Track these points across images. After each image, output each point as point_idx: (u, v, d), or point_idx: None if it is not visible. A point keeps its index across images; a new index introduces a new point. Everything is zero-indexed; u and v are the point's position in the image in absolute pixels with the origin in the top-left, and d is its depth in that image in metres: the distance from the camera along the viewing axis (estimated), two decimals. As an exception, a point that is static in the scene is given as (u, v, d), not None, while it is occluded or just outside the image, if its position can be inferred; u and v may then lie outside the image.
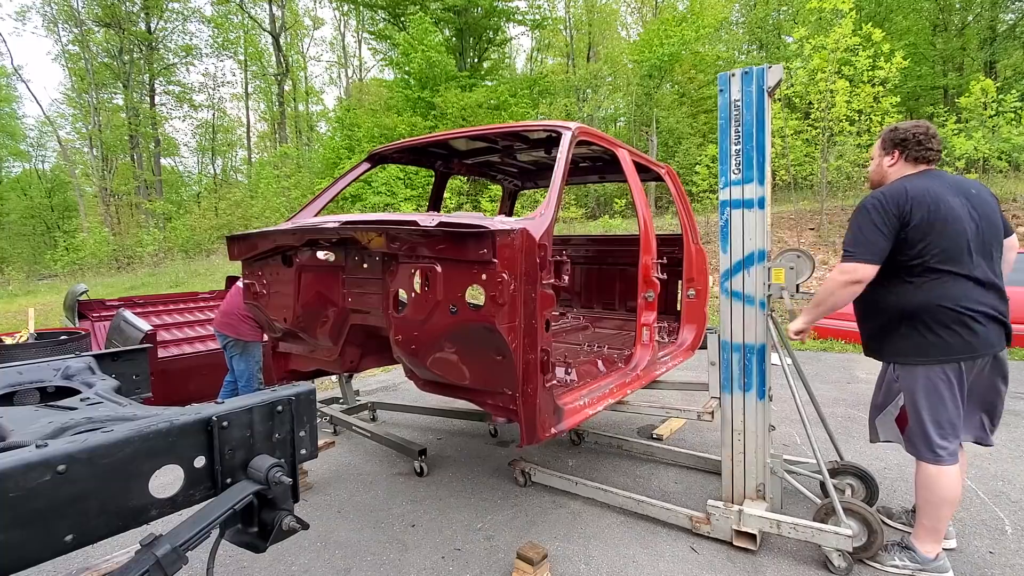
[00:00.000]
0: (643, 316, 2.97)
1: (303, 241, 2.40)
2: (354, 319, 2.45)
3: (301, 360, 2.97)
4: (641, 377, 2.96)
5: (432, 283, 1.99)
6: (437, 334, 2.04)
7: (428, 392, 2.39)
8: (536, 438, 2.05)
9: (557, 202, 2.22)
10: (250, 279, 2.86)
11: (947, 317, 2.01)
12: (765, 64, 2.40)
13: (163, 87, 26.90)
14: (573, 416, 2.31)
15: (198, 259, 18.16)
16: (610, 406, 2.77)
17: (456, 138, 3.25)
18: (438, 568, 2.41)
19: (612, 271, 4.72)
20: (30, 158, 32.02)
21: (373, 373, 6.70)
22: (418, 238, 2.01)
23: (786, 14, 22.27)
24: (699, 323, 3.89)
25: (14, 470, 0.90)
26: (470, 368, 2.10)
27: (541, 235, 2.00)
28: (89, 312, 5.79)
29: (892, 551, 2.22)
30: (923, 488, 2.12)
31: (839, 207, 12.30)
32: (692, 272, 3.69)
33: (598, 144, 3.02)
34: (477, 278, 1.90)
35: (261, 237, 2.65)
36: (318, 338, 2.63)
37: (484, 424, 4.22)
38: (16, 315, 10.42)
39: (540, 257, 1.98)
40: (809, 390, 2.72)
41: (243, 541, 1.30)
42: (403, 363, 2.33)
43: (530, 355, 1.96)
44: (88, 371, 1.93)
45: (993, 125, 10.69)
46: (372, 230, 2.14)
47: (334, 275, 2.47)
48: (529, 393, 1.98)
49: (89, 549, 2.52)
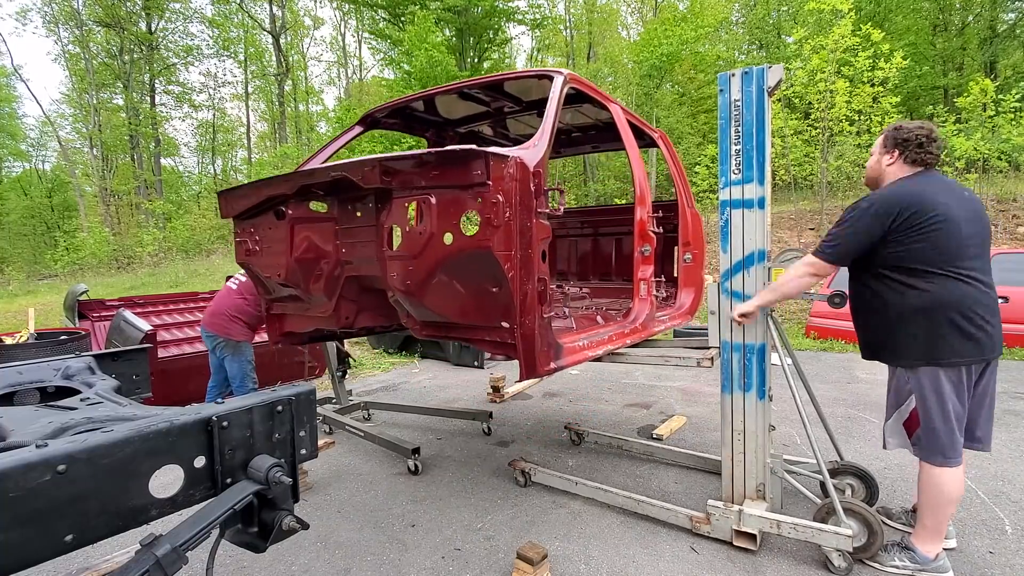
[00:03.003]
0: (640, 270, 2.94)
1: (295, 188, 2.34)
2: (348, 271, 2.42)
3: (296, 320, 2.92)
4: (639, 330, 2.94)
5: (427, 215, 1.96)
6: (433, 268, 2.00)
7: (426, 337, 2.34)
8: (536, 371, 2.03)
9: (550, 135, 2.21)
10: (242, 236, 2.79)
11: (956, 319, 2.02)
12: (765, 64, 2.40)
13: (163, 87, 26.88)
14: (573, 355, 2.29)
15: (198, 259, 18.17)
16: (610, 355, 2.76)
17: (448, 91, 3.20)
18: (438, 568, 2.41)
19: (608, 243, 4.71)
20: (30, 158, 32.02)
21: (373, 373, 6.70)
22: (412, 167, 1.99)
23: (786, 14, 22.27)
24: (697, 287, 3.87)
25: (14, 470, 0.90)
26: (466, 302, 2.07)
27: (535, 164, 2.00)
28: (89, 312, 5.79)
29: (892, 551, 2.22)
30: (928, 489, 2.12)
31: (839, 207, 12.29)
32: (688, 236, 3.69)
33: (589, 94, 2.99)
34: (472, 203, 1.89)
35: (252, 189, 2.60)
36: (312, 294, 2.59)
37: (482, 424, 4.22)
38: (16, 315, 10.43)
39: (535, 185, 1.97)
40: (809, 390, 2.72)
41: (243, 541, 1.30)
42: (400, 307, 2.28)
43: (527, 285, 1.94)
44: (88, 371, 1.93)
45: (993, 125, 10.68)
46: (365, 164, 2.10)
47: (327, 227, 2.44)
48: (527, 325, 1.96)
49: (89, 549, 2.52)
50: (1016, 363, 5.66)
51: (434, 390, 5.78)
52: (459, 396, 5.48)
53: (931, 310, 2.03)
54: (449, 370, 6.72)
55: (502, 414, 4.73)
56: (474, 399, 5.32)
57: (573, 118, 3.97)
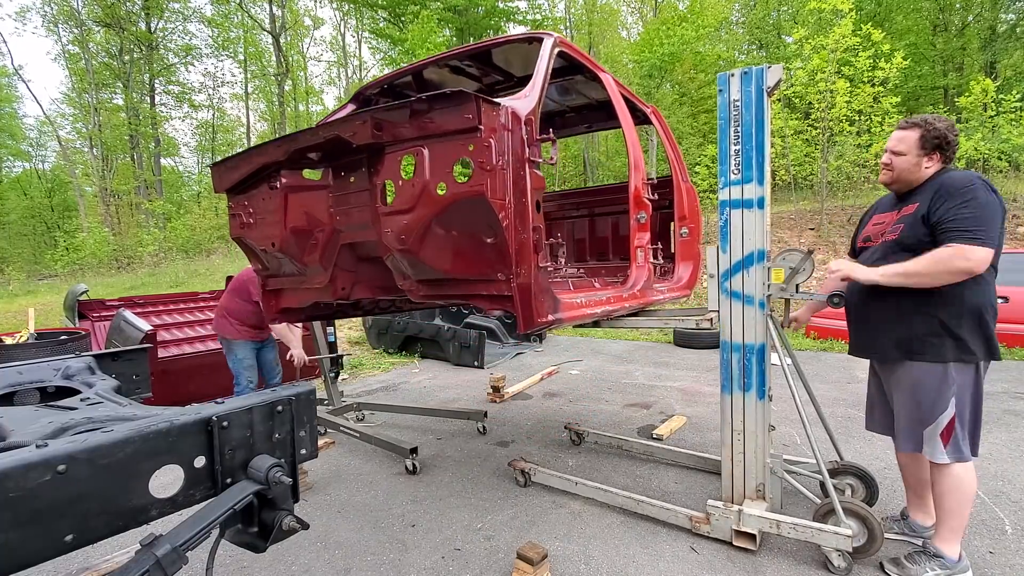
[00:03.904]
0: (636, 237, 2.94)
1: (288, 154, 2.32)
2: (343, 238, 2.41)
3: (292, 295, 2.90)
4: (638, 296, 2.94)
5: (420, 167, 1.97)
6: (428, 220, 1.99)
7: (423, 300, 2.32)
8: (533, 322, 2.02)
9: (541, 87, 2.21)
10: (236, 210, 2.78)
11: (996, 313, 2.05)
12: (764, 64, 2.40)
13: (163, 87, 26.89)
14: (570, 310, 2.29)
15: (198, 259, 18.17)
16: (609, 319, 2.76)
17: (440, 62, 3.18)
18: (438, 568, 2.41)
19: (604, 223, 4.72)
20: (30, 158, 32.02)
21: (373, 373, 6.70)
22: (403, 117, 1.98)
23: (786, 14, 22.27)
24: (694, 261, 3.87)
25: (14, 470, 0.90)
26: (462, 255, 2.06)
27: (527, 112, 2.00)
28: (89, 312, 5.80)
29: (920, 562, 2.16)
30: (952, 490, 2.09)
31: (839, 207, 12.30)
32: (684, 211, 3.69)
33: (579, 60, 2.98)
34: (464, 150, 1.89)
35: (245, 158, 2.60)
36: (308, 264, 2.58)
37: (477, 423, 4.22)
38: (16, 315, 10.42)
39: (527, 134, 1.98)
40: (809, 390, 2.72)
41: (243, 541, 1.30)
42: (396, 268, 2.27)
43: (522, 234, 1.95)
44: (88, 371, 1.93)
45: (993, 125, 10.68)
46: (356, 118, 2.08)
47: (320, 195, 2.44)
48: (522, 275, 1.97)
49: (89, 549, 2.52)
50: (1016, 363, 5.66)
51: (434, 390, 5.78)
52: (459, 396, 5.48)
53: (994, 306, 2.05)
54: (449, 370, 6.73)
55: (502, 414, 4.73)
56: (474, 399, 5.33)
57: (566, 97, 3.95)
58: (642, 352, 7.36)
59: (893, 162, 2.19)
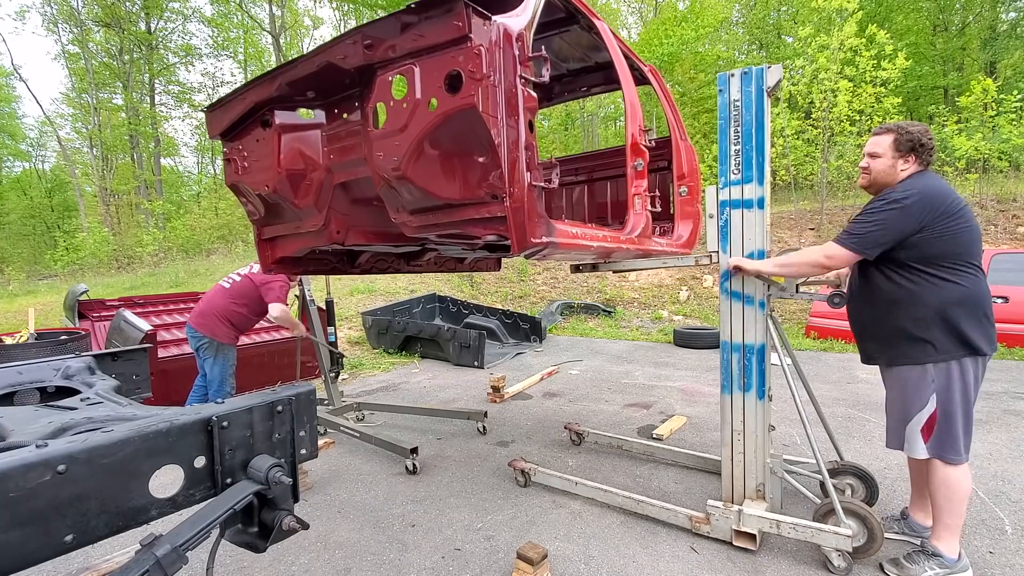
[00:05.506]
0: (633, 185, 2.92)
1: (279, 85, 2.34)
2: (338, 176, 2.44)
3: (288, 243, 2.93)
4: (635, 242, 2.93)
5: (411, 85, 1.97)
6: (420, 139, 2.00)
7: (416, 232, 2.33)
8: (526, 241, 2.02)
9: (534, 6, 2.19)
10: (231, 155, 2.80)
11: (980, 309, 2.06)
12: (764, 64, 2.41)
13: (163, 87, 26.89)
14: (565, 237, 2.29)
15: (198, 259, 18.15)
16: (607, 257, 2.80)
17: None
18: (438, 568, 2.41)
19: (602, 187, 4.70)
20: (30, 158, 32.03)
21: (373, 373, 6.70)
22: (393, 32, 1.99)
23: (786, 14, 22.27)
24: (694, 220, 3.87)
25: (14, 470, 0.90)
26: (454, 176, 2.07)
27: (519, 29, 2.00)
28: (89, 312, 5.80)
29: (919, 561, 2.17)
30: (945, 490, 2.11)
31: (839, 207, 12.30)
32: (683, 169, 3.68)
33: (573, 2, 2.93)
34: (455, 61, 1.89)
35: (237, 96, 2.62)
36: (302, 207, 2.61)
37: (477, 424, 4.22)
38: (16, 315, 10.42)
39: (519, 50, 1.97)
40: (809, 390, 2.72)
41: (243, 541, 1.30)
42: (389, 201, 2.27)
43: (514, 153, 1.96)
44: (88, 371, 1.93)
45: (993, 125, 10.68)
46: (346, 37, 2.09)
47: (313, 134, 2.46)
48: (516, 194, 1.98)
49: (89, 549, 2.52)
50: (1016, 363, 5.66)
51: (434, 390, 5.78)
52: (459, 396, 5.48)
53: (968, 302, 2.05)
54: (449, 370, 6.73)
55: (502, 414, 4.73)
56: (474, 399, 5.33)
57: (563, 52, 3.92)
58: (642, 352, 7.36)
59: (870, 165, 2.26)
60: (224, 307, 4.02)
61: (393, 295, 10.04)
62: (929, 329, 2.09)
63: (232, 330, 4.04)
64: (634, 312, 10.40)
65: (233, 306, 4.02)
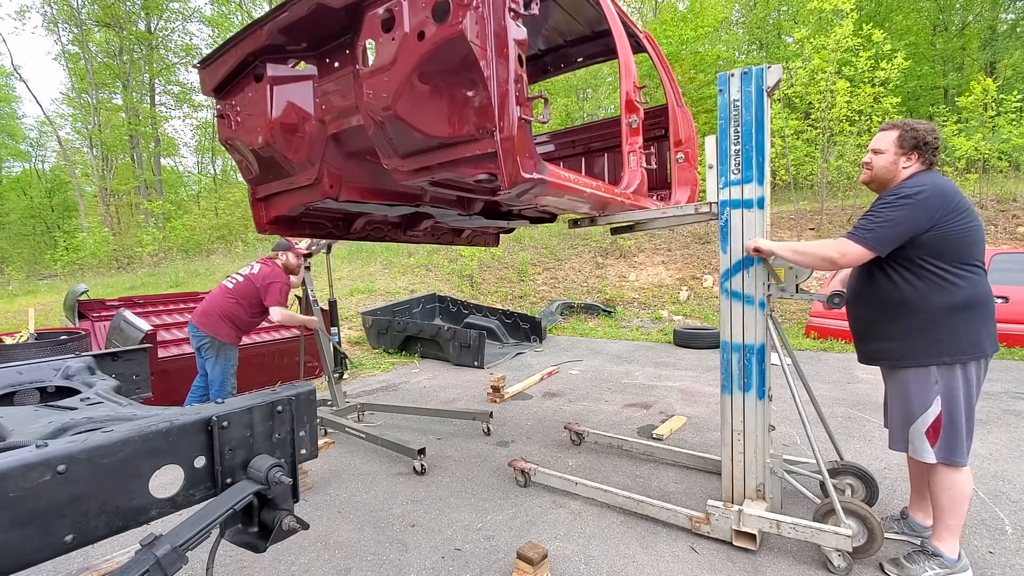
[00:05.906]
0: (628, 142, 2.92)
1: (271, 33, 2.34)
2: (331, 128, 2.44)
3: (282, 201, 2.92)
4: (630, 197, 2.94)
5: (399, 16, 1.98)
6: (409, 73, 2.00)
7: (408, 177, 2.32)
8: (518, 176, 2.01)
9: None
10: (225, 111, 2.79)
11: (985, 311, 2.06)
12: (764, 64, 2.41)
13: (163, 87, 26.88)
14: (556, 178, 2.29)
15: (198, 259, 18.15)
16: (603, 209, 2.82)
17: None
18: (438, 568, 2.41)
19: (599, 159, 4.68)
20: (30, 158, 32.04)
21: (373, 373, 6.70)
22: None
23: (786, 14, 22.27)
24: (691, 186, 3.85)
25: (14, 470, 0.90)
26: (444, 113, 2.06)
27: None
28: (89, 312, 5.80)
29: (919, 561, 2.17)
30: (947, 491, 2.11)
31: (839, 207, 12.30)
32: (679, 136, 3.68)
33: None
34: None
35: (229, 47, 2.62)
36: (295, 161, 2.61)
37: (482, 424, 4.22)
38: (16, 315, 10.42)
39: None
40: (809, 390, 2.72)
41: (243, 541, 1.30)
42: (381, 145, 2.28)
43: (504, 86, 1.95)
44: (88, 371, 1.93)
45: (994, 125, 10.68)
46: None
47: (305, 85, 2.47)
48: (506, 128, 1.97)
49: (89, 549, 2.52)
50: (1016, 363, 5.66)
51: (434, 390, 5.78)
52: (459, 396, 5.48)
53: (974, 304, 2.05)
54: (449, 370, 6.73)
55: (502, 414, 4.73)
56: (474, 399, 5.33)
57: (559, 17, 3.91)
58: (642, 352, 7.36)
59: (873, 160, 2.25)
60: (227, 307, 4.03)
61: (393, 295, 10.04)
62: (935, 331, 2.07)
63: (234, 330, 4.04)
64: (634, 312, 10.40)
65: (235, 306, 4.03)
